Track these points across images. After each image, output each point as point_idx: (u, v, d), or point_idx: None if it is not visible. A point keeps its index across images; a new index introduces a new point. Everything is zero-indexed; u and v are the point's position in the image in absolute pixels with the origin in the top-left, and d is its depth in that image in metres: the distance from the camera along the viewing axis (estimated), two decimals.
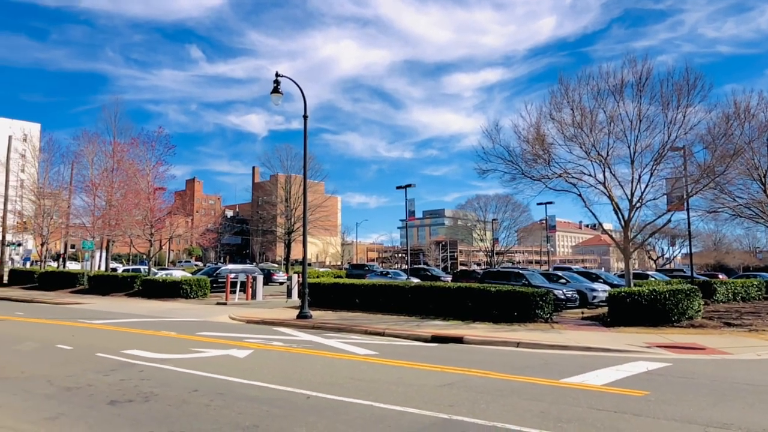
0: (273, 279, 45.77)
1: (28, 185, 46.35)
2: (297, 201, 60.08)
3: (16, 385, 9.22)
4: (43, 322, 19.19)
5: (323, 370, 10.54)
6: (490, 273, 30.60)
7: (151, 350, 12.52)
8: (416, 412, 7.42)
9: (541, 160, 21.96)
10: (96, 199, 40.31)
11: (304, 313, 19.54)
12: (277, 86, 20.75)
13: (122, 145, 40.07)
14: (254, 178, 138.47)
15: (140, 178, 36.31)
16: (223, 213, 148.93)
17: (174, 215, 44.86)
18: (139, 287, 32.42)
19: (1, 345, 13.63)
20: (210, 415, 7.30)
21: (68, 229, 45.34)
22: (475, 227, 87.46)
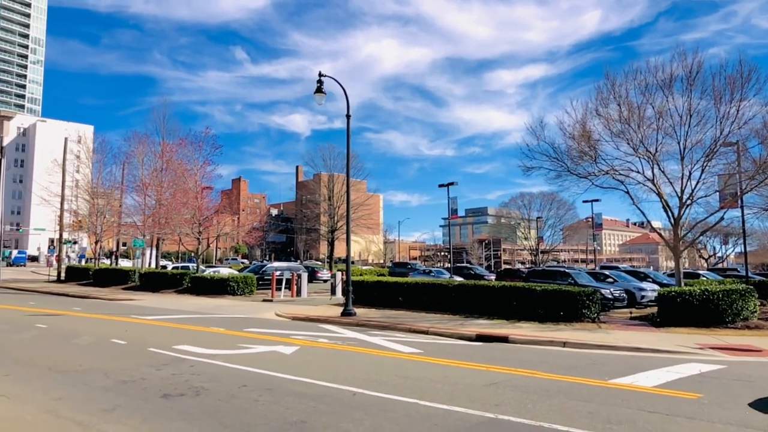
0: (317, 276, 46.27)
1: (82, 185, 48.05)
2: (340, 199, 60.59)
3: (75, 377, 9.61)
4: (99, 317, 19.90)
5: (368, 368, 10.63)
6: (535, 272, 30.21)
7: (200, 346, 12.85)
8: (462, 410, 7.42)
9: (587, 156, 21.56)
10: (146, 198, 41.52)
11: (348, 310, 19.70)
12: (320, 86, 20.95)
13: (171, 146, 41.18)
14: (298, 177, 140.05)
15: (188, 178, 37.24)
16: (268, 211, 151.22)
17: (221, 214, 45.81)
18: (187, 284, 33.24)
19: (61, 339, 14.23)
20: (258, 410, 7.47)
21: (120, 227, 46.85)
22: (519, 225, 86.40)
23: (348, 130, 21.75)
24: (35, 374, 9.92)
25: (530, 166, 22.82)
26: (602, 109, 21.32)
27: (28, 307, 23.74)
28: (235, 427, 6.67)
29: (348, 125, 21.70)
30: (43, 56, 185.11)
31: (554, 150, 22.17)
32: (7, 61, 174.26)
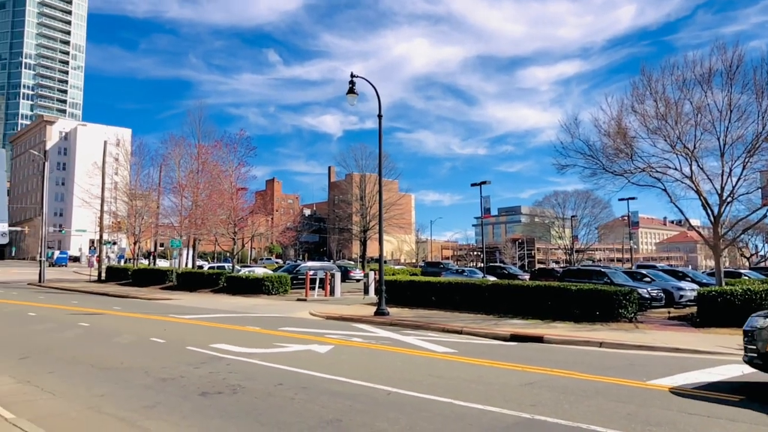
0: (350, 276, 46.48)
1: (121, 187, 49.23)
2: (372, 199, 60.73)
3: (117, 375, 9.87)
4: (138, 316, 20.37)
5: (402, 367, 10.66)
6: (570, 271, 29.83)
7: (237, 344, 13.06)
8: (497, 410, 7.39)
9: (622, 154, 21.20)
10: (183, 200, 42.32)
11: (381, 310, 19.77)
12: (352, 87, 21.06)
13: (206, 148, 41.90)
14: (330, 177, 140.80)
15: (224, 179, 37.84)
16: (301, 212, 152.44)
17: (255, 214, 46.44)
18: (223, 284, 33.77)
19: (102, 338, 14.62)
20: (294, 408, 7.56)
21: (158, 228, 47.88)
22: (553, 224, 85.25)
23: (380, 130, 21.82)
24: (79, 371, 10.22)
25: (564, 164, 22.56)
26: (638, 106, 20.94)
27: (71, 306, 24.45)
28: (272, 425, 6.77)
29: (380, 125, 21.77)
30: (84, 62, 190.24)
31: (589, 147, 21.87)
32: (49, 67, 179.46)
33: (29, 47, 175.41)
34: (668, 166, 20.68)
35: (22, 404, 7.74)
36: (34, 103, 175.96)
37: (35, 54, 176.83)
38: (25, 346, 13.17)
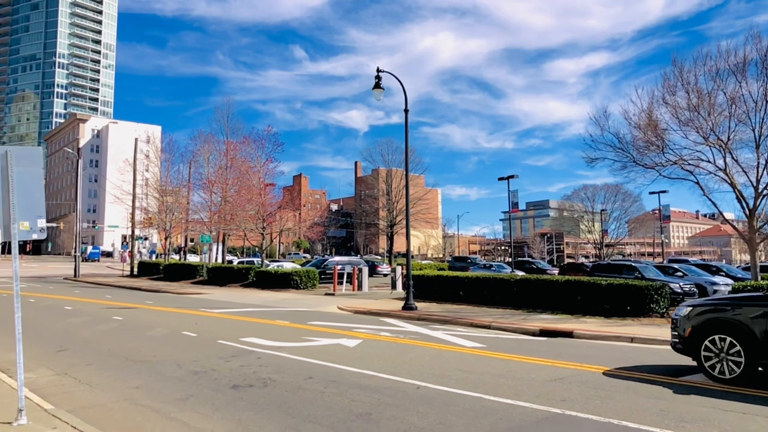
0: (377, 271, 46.59)
1: (152, 183, 50.12)
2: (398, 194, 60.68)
3: (151, 368, 10.09)
4: (170, 310, 20.75)
5: (431, 361, 10.67)
6: (600, 266, 29.44)
7: (267, 338, 13.22)
8: (527, 405, 7.37)
9: (653, 146, 20.86)
10: (212, 195, 42.91)
11: (409, 304, 19.80)
12: (378, 82, 21.07)
13: (235, 144, 42.40)
14: (356, 172, 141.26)
15: (252, 175, 38.24)
16: (328, 207, 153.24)
17: (283, 209, 46.79)
18: (253, 278, 34.16)
19: (136, 331, 14.94)
20: (324, 401, 7.64)
21: (188, 223, 48.65)
22: (583, 218, 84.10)
23: (406, 124, 21.79)
24: (114, 364, 10.47)
25: (594, 158, 22.32)
26: (669, 97, 20.58)
27: (105, 300, 25.01)
28: (302, 418, 6.85)
29: (406, 120, 21.74)
30: (114, 61, 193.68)
31: (619, 140, 21.60)
32: (81, 66, 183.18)
33: (62, 47, 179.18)
34: (701, 158, 20.30)
35: (60, 395, 7.97)
36: (68, 102, 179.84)
37: (68, 54, 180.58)
38: (62, 339, 13.54)
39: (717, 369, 8.89)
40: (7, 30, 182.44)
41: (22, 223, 6.97)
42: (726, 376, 8.74)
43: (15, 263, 7.14)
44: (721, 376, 8.79)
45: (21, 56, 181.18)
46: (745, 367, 8.61)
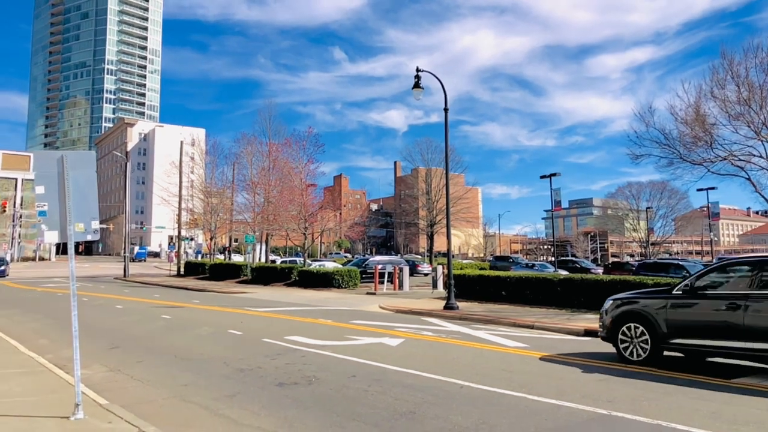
0: (417, 270, 46.55)
1: (197, 185, 51.26)
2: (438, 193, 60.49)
3: (198, 365, 10.35)
4: (216, 309, 21.20)
5: (474, 361, 10.64)
6: (646, 264, 28.82)
7: (310, 337, 13.39)
8: (572, 406, 7.28)
9: (701, 142, 20.29)
10: (255, 196, 43.68)
11: (450, 304, 19.74)
12: (417, 81, 21.06)
13: (277, 146, 43.01)
14: (396, 172, 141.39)
15: (294, 176, 38.75)
16: (368, 207, 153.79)
17: (324, 210, 47.28)
18: (295, 278, 34.59)
19: (184, 330, 15.34)
20: (368, 400, 7.71)
21: (232, 224, 49.60)
22: (627, 216, 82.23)
23: (446, 123, 21.73)
24: (163, 361, 10.79)
25: (639, 154, 21.85)
26: (718, 91, 19.98)
27: (153, 299, 25.73)
28: (347, 416, 6.94)
29: (446, 119, 21.68)
30: (160, 66, 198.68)
31: (665, 136, 21.10)
32: (128, 72, 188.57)
33: (111, 54, 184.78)
34: (752, 153, 19.65)
35: (114, 391, 8.25)
36: (116, 107, 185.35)
37: (116, 60, 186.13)
38: (114, 336, 14.00)
39: (628, 351, 10.30)
40: (60, 39, 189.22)
41: (77, 224, 7.25)
42: (634, 358, 10.17)
43: (71, 263, 7.43)
44: (631, 357, 10.21)
45: (72, 63, 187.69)
46: (652, 350, 9.99)
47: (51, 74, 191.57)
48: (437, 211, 61.07)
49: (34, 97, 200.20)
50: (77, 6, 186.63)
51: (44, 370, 9.44)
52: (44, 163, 7.42)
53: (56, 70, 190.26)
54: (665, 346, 9.89)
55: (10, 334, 13.73)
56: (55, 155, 7.41)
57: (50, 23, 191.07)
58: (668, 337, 9.80)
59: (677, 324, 9.77)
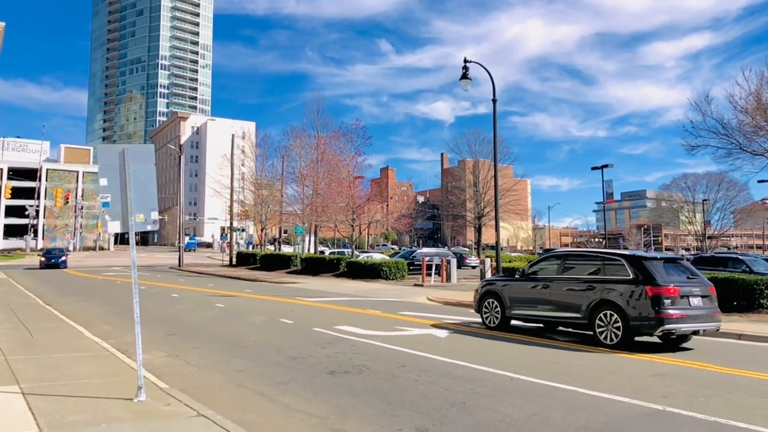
0: (465, 263, 46.34)
1: (248, 177, 52.29)
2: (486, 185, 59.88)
3: (252, 352, 10.63)
4: (267, 298, 21.66)
5: (523, 354, 10.59)
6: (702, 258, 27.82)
7: (359, 327, 13.56)
8: (625, 400, 7.18)
9: (763, 131, 19.50)
10: (304, 188, 44.25)
11: None
12: (465, 72, 20.93)
13: (325, 138, 43.42)
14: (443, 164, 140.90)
15: (342, 168, 39.10)
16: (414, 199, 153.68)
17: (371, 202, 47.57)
18: (344, 268, 34.94)
19: (237, 318, 15.76)
20: (418, 389, 7.78)
21: (282, 215, 50.42)
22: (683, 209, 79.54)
23: (494, 114, 21.53)
24: (219, 348, 11.13)
25: (695, 145, 21.19)
26: None
27: (207, 288, 26.48)
28: (398, 405, 7.02)
29: (494, 110, 21.48)
30: (211, 60, 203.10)
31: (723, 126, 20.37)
32: (181, 67, 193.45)
33: (164, 49, 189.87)
34: None
35: (172, 376, 8.57)
36: (170, 101, 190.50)
37: (169, 55, 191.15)
38: (171, 323, 14.51)
39: (488, 320, 13.81)
40: (116, 36, 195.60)
41: (137, 215, 7.54)
42: (491, 324, 13.65)
43: (132, 253, 7.75)
44: (490, 324, 13.70)
45: (128, 60, 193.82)
46: (502, 319, 13.46)
47: (108, 70, 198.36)
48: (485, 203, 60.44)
49: (93, 92, 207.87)
50: (132, 3, 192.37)
51: (108, 355, 9.87)
52: (107, 156, 7.74)
53: (113, 66, 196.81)
54: (509, 315, 13.36)
55: (76, 320, 14.40)
56: (117, 149, 7.71)
57: (107, 21, 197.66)
58: (510, 308, 13.27)
59: (514, 299, 13.21)
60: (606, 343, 11.05)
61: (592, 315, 11.39)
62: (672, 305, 10.68)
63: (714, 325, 11.39)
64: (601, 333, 11.23)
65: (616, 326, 10.98)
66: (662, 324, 10.58)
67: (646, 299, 10.71)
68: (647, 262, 11.36)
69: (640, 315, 10.75)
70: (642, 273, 11.08)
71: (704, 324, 11.17)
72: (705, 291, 11.40)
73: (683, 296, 10.95)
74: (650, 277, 10.92)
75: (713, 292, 11.60)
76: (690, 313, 10.90)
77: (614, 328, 11.00)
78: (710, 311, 11.33)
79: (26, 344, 10.78)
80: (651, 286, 10.76)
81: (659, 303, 10.60)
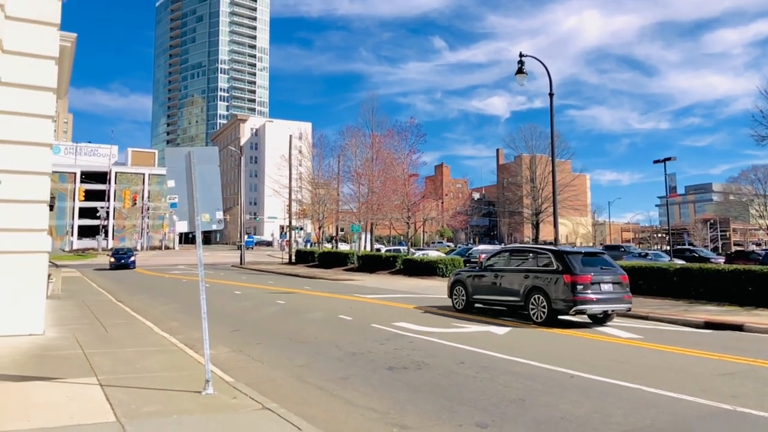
0: None
1: (305, 177, 53.19)
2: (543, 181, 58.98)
3: (312, 348, 10.87)
4: (325, 295, 22.02)
5: (584, 351, 10.43)
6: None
7: (417, 323, 13.64)
8: (692, 399, 6.99)
9: None
10: (360, 187, 44.67)
11: None
12: (521, 67, 20.69)
13: (379, 137, 43.69)
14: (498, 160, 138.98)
15: (396, 166, 39.27)
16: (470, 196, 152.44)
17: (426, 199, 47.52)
18: (400, 266, 35.10)
19: (297, 314, 16.12)
20: (477, 386, 7.80)
21: (339, 214, 51.02)
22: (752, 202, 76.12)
23: (551, 108, 21.17)
24: (280, 343, 11.43)
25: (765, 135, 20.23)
26: None
27: (268, 285, 27.13)
28: (457, 401, 7.07)
29: (551, 104, 21.12)
30: (268, 63, 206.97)
31: None
32: (239, 70, 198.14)
33: (223, 54, 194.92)
34: None
35: (237, 370, 8.86)
36: (229, 104, 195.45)
37: (228, 59, 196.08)
38: (235, 320, 14.97)
39: (456, 303, 16.50)
40: (178, 42, 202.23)
41: (203, 215, 7.84)
42: (458, 307, 16.30)
43: (199, 251, 8.06)
44: (457, 307, 16.33)
45: (189, 65, 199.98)
46: (466, 303, 16.08)
47: (171, 76, 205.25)
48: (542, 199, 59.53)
49: (157, 97, 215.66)
50: (193, 10, 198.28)
51: (176, 349, 10.31)
52: (174, 158, 8.08)
53: (175, 71, 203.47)
54: (472, 300, 16.00)
55: (146, 316, 15.07)
56: (183, 151, 8.04)
57: (169, 28, 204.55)
58: (472, 294, 15.93)
59: (475, 286, 15.86)
60: (536, 320, 13.57)
61: (527, 298, 13.96)
62: (584, 290, 13.03)
63: (623, 306, 13.70)
64: (533, 313, 13.76)
65: (543, 307, 13.47)
66: (576, 305, 12.96)
67: (565, 285, 13.09)
68: (568, 256, 13.64)
69: (560, 298, 13.15)
70: (563, 264, 13.44)
71: (613, 305, 13.51)
72: (616, 279, 13.67)
73: (594, 283, 13.20)
74: (568, 268, 13.25)
75: (624, 280, 13.84)
76: (600, 296, 13.24)
77: (542, 309, 13.49)
78: (620, 295, 13.59)
79: (101, 339, 11.37)
80: (569, 275, 13.12)
81: (574, 288, 12.96)
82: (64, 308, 16.41)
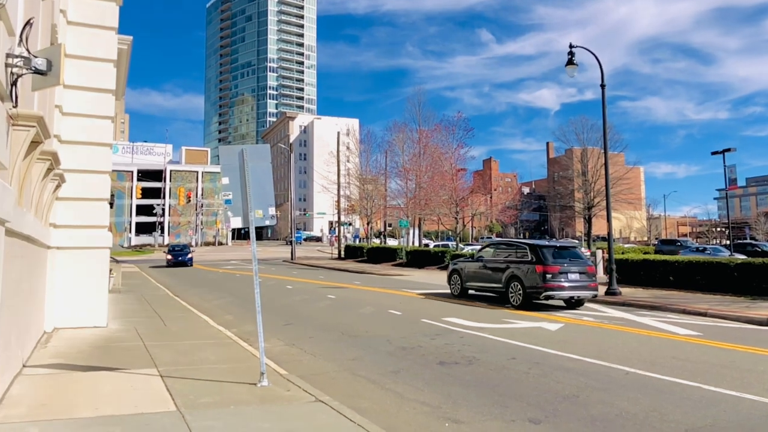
0: None
1: (353, 173, 53.58)
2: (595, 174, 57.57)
3: (364, 342, 10.99)
4: (375, 290, 22.17)
5: (639, 348, 10.18)
6: None
7: (467, 319, 13.61)
8: (757, 399, 6.75)
9: None
10: (408, 182, 44.70)
11: (612, 289, 18.86)
12: (571, 58, 20.25)
13: (426, 132, 43.59)
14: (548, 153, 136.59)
15: (444, 161, 39.13)
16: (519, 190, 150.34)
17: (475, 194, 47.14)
18: (448, 261, 34.94)
19: (347, 309, 16.30)
20: (529, 382, 7.74)
21: (386, 209, 51.21)
22: None
23: (603, 100, 20.66)
24: (332, 337, 11.59)
25: None
26: None
27: (318, 280, 27.50)
28: (510, 396, 7.04)
29: (603, 95, 20.61)
30: (315, 61, 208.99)
31: None
32: (288, 68, 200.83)
33: (272, 52, 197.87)
34: None
35: (291, 363, 9.03)
36: (278, 102, 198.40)
37: (277, 58, 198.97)
38: (287, 314, 15.25)
39: (453, 290, 18.87)
40: (228, 42, 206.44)
41: (257, 211, 8.02)
42: (455, 293, 18.73)
43: (253, 247, 8.25)
44: (454, 293, 18.78)
45: (240, 64, 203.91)
46: (461, 289, 18.48)
47: (222, 75, 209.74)
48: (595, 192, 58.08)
49: (209, 97, 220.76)
50: (242, 10, 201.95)
51: (231, 342, 10.59)
52: (228, 156, 8.27)
53: (226, 71, 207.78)
54: (466, 287, 18.30)
55: (201, 310, 15.52)
56: (237, 149, 8.23)
57: (220, 28, 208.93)
58: (466, 281, 18.25)
59: (468, 275, 18.17)
60: (514, 304, 15.84)
61: (507, 285, 16.27)
62: (553, 279, 15.22)
63: (588, 293, 15.92)
64: (512, 297, 16.01)
65: (519, 292, 15.74)
66: (545, 291, 15.22)
67: (536, 274, 15.35)
68: (541, 249, 15.86)
69: (533, 285, 15.44)
70: (536, 256, 15.69)
71: (579, 292, 15.76)
72: (583, 269, 15.90)
73: (562, 272, 15.37)
74: (540, 259, 15.51)
75: (591, 270, 16.21)
76: (567, 284, 15.40)
77: (518, 294, 15.75)
78: (586, 283, 15.77)
79: (160, 332, 11.78)
80: (540, 265, 15.37)
81: (544, 277, 15.19)
82: (124, 302, 17.08)
